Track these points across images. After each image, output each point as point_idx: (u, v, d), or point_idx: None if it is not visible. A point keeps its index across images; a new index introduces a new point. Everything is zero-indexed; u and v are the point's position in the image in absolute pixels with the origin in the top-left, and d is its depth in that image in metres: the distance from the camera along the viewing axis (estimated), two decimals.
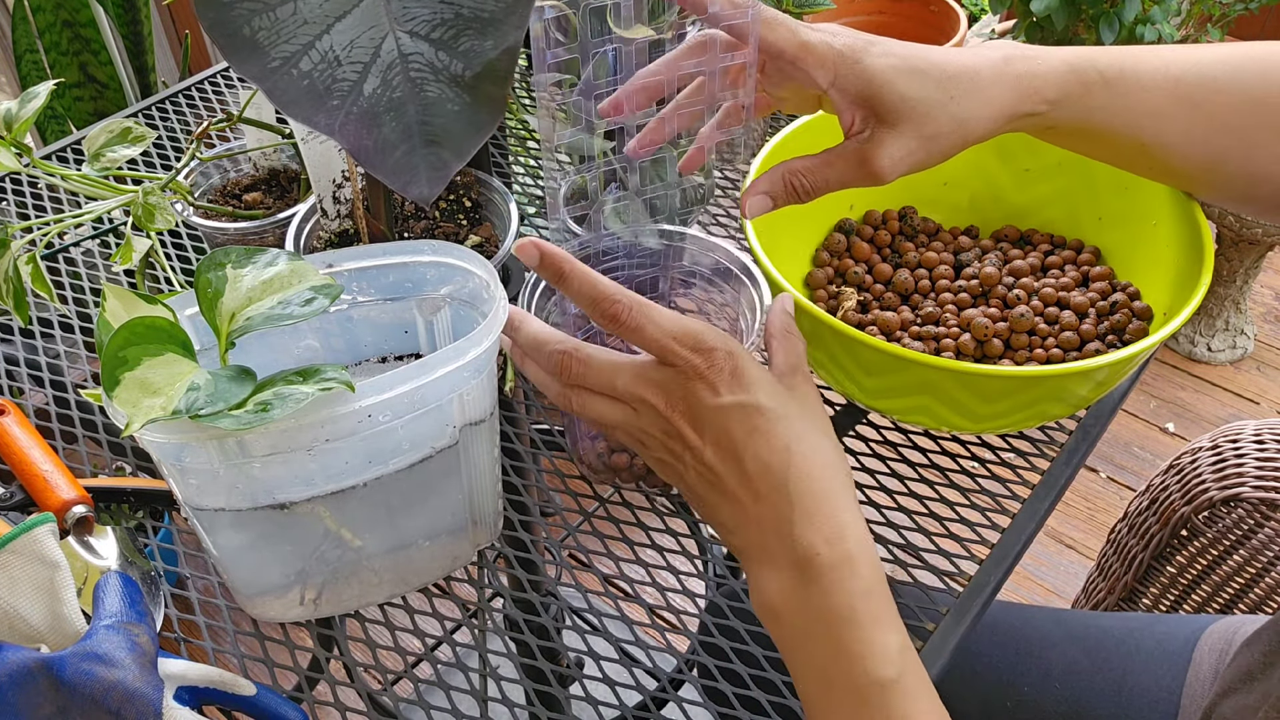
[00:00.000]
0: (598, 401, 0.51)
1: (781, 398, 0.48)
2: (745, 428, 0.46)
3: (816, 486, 0.46)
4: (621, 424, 0.51)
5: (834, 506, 0.46)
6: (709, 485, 0.48)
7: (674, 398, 0.48)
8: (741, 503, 0.47)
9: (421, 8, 0.39)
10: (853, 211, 0.77)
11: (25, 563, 0.49)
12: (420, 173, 0.39)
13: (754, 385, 0.47)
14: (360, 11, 0.39)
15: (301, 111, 0.39)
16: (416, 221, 0.72)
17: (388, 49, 0.39)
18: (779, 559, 0.46)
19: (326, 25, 0.39)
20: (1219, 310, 1.86)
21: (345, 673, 0.62)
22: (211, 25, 0.38)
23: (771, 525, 0.46)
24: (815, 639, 0.45)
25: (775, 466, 0.46)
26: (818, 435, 0.48)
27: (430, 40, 0.39)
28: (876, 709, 0.43)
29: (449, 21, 0.39)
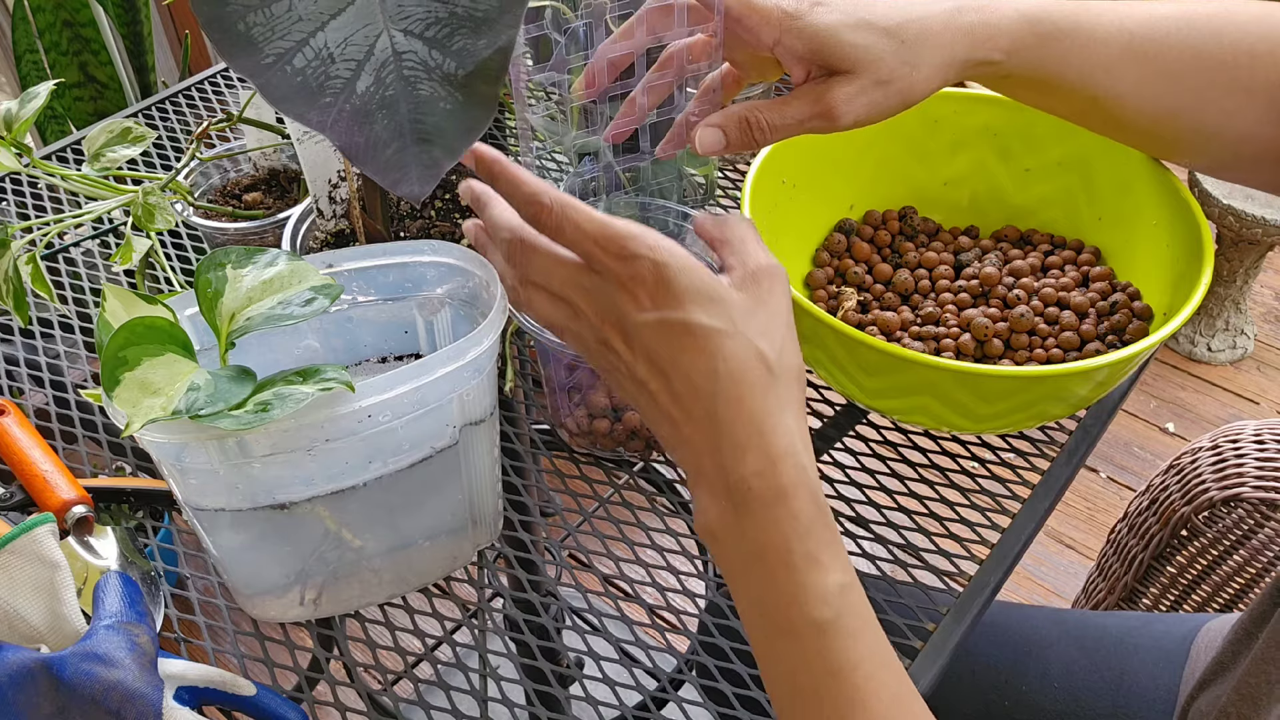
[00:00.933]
0: (542, 299, 0.47)
1: (717, 307, 0.43)
2: (673, 346, 0.43)
3: (747, 409, 0.43)
4: (562, 326, 0.47)
5: (768, 431, 0.43)
6: (645, 400, 0.45)
7: (602, 306, 0.45)
8: (675, 422, 0.44)
9: (416, 6, 0.39)
10: (853, 211, 0.77)
11: (25, 563, 0.49)
12: (411, 171, 0.39)
13: (683, 299, 0.43)
14: (355, 9, 0.39)
15: (294, 108, 0.39)
16: (413, 221, 0.72)
17: (381, 47, 0.39)
18: (715, 485, 0.43)
19: (321, 22, 0.39)
20: (1219, 310, 1.86)
21: (345, 673, 0.62)
22: (207, 21, 0.38)
23: (705, 450, 0.43)
24: (752, 573, 0.43)
25: (703, 390, 0.43)
26: (756, 349, 0.43)
27: (424, 39, 0.39)
28: (813, 650, 0.42)
29: (443, 20, 0.39)
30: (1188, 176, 1.70)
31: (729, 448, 0.43)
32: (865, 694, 0.41)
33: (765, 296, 0.45)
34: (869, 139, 0.74)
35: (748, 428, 0.43)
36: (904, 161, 0.76)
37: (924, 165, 0.76)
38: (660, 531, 0.67)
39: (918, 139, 0.75)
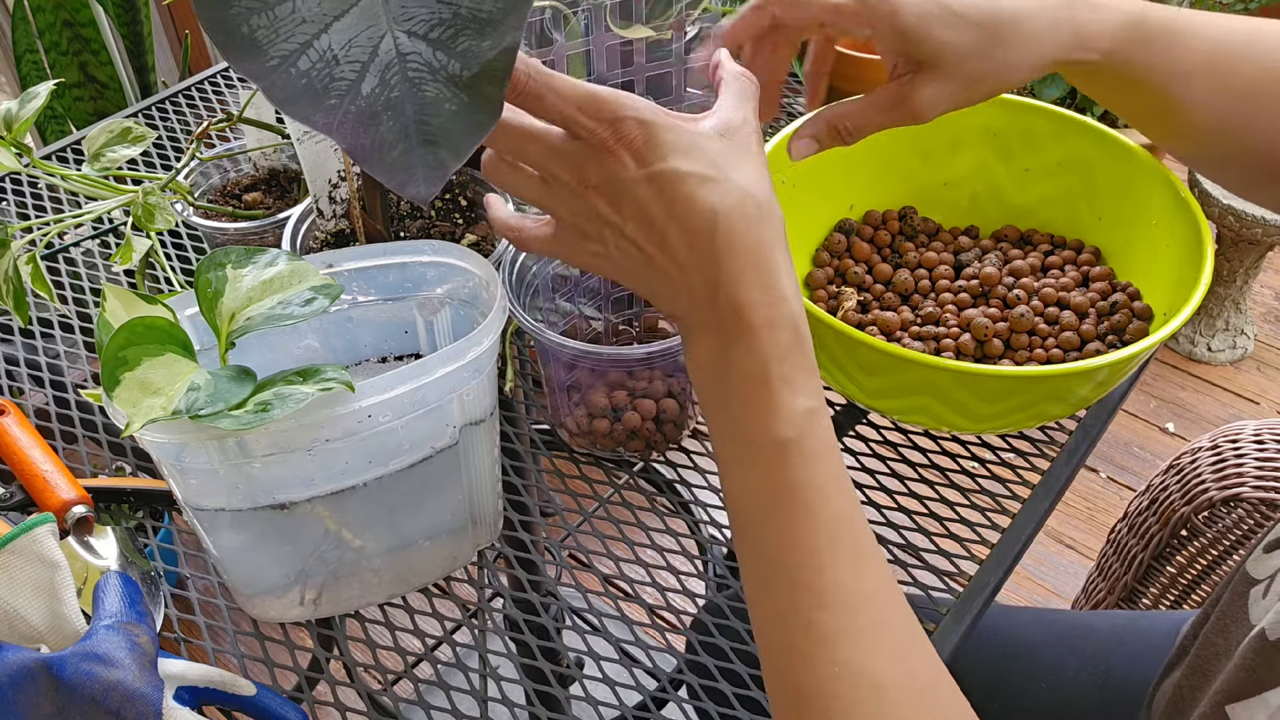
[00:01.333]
0: (513, 173, 0.47)
1: (703, 156, 0.44)
2: (665, 198, 0.44)
3: (742, 244, 0.44)
4: (537, 200, 0.47)
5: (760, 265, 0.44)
6: (634, 260, 0.46)
7: (585, 173, 0.45)
8: (669, 272, 0.45)
9: (420, 7, 0.39)
10: (853, 211, 0.77)
11: (25, 563, 0.49)
12: (417, 172, 0.39)
13: (671, 151, 0.44)
14: (359, 10, 0.39)
15: (299, 110, 0.39)
16: (413, 221, 0.72)
17: (386, 48, 0.39)
18: (709, 322, 0.45)
19: (325, 24, 0.39)
20: (1219, 310, 1.86)
21: (345, 673, 0.62)
22: (210, 23, 0.38)
23: (701, 291, 0.45)
24: (732, 397, 0.45)
25: (699, 231, 0.44)
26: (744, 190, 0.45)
27: (428, 40, 0.39)
28: (775, 466, 0.43)
29: (447, 21, 0.39)
30: (1188, 176, 1.71)
31: (726, 281, 0.44)
32: (813, 509, 0.43)
33: (745, 143, 0.46)
34: (869, 140, 0.74)
35: (741, 262, 0.44)
36: (904, 161, 0.76)
37: (924, 165, 0.76)
38: (660, 531, 0.67)
39: (918, 139, 0.75)
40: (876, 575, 0.43)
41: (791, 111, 1.03)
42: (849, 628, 0.42)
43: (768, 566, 0.43)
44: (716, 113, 0.47)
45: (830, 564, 0.42)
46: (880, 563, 0.44)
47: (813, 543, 0.42)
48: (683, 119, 0.45)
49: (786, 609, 0.43)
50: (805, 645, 0.42)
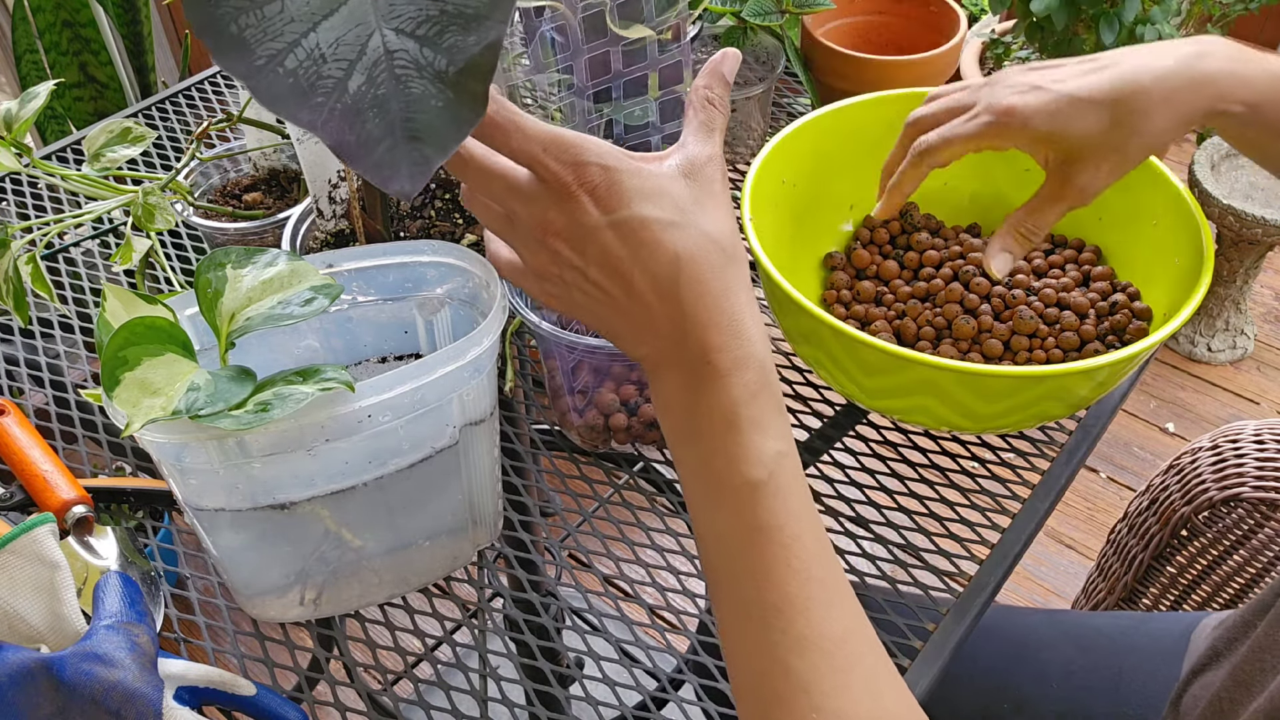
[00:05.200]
0: (482, 206, 0.47)
1: (668, 201, 0.45)
2: (630, 244, 0.44)
3: (708, 290, 0.44)
4: (501, 236, 0.48)
5: (726, 309, 0.45)
6: (598, 303, 0.46)
7: (547, 216, 0.45)
8: (634, 316, 0.45)
9: (408, 4, 0.39)
10: (853, 211, 0.77)
11: (25, 563, 0.49)
12: (402, 168, 0.39)
13: (634, 198, 0.44)
14: (347, 9, 0.39)
15: (286, 108, 0.39)
16: (413, 221, 0.72)
17: (374, 46, 0.39)
18: (677, 364, 0.45)
19: (313, 23, 0.39)
20: (1219, 310, 1.86)
21: (345, 673, 0.62)
22: (200, 25, 0.39)
23: (668, 335, 0.45)
24: (701, 439, 0.45)
25: (664, 278, 0.44)
26: (708, 235, 0.45)
27: (415, 37, 0.39)
28: (746, 507, 0.44)
29: (434, 18, 0.39)
30: (1187, 176, 1.71)
31: (692, 326, 0.44)
32: (787, 550, 0.43)
33: (709, 185, 0.46)
34: (869, 139, 0.74)
35: (708, 307, 0.44)
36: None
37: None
38: (660, 531, 0.67)
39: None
40: (849, 614, 0.44)
41: (792, 111, 1.03)
42: (826, 671, 0.42)
43: (742, 606, 0.44)
44: (682, 148, 0.47)
45: (805, 607, 0.43)
46: (850, 599, 0.45)
47: (787, 586, 0.43)
48: (646, 159, 0.45)
49: (764, 653, 0.43)
50: (785, 692, 0.42)
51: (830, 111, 0.72)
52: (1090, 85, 0.57)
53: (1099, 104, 0.56)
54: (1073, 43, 1.12)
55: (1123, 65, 0.57)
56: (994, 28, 1.47)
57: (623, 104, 0.63)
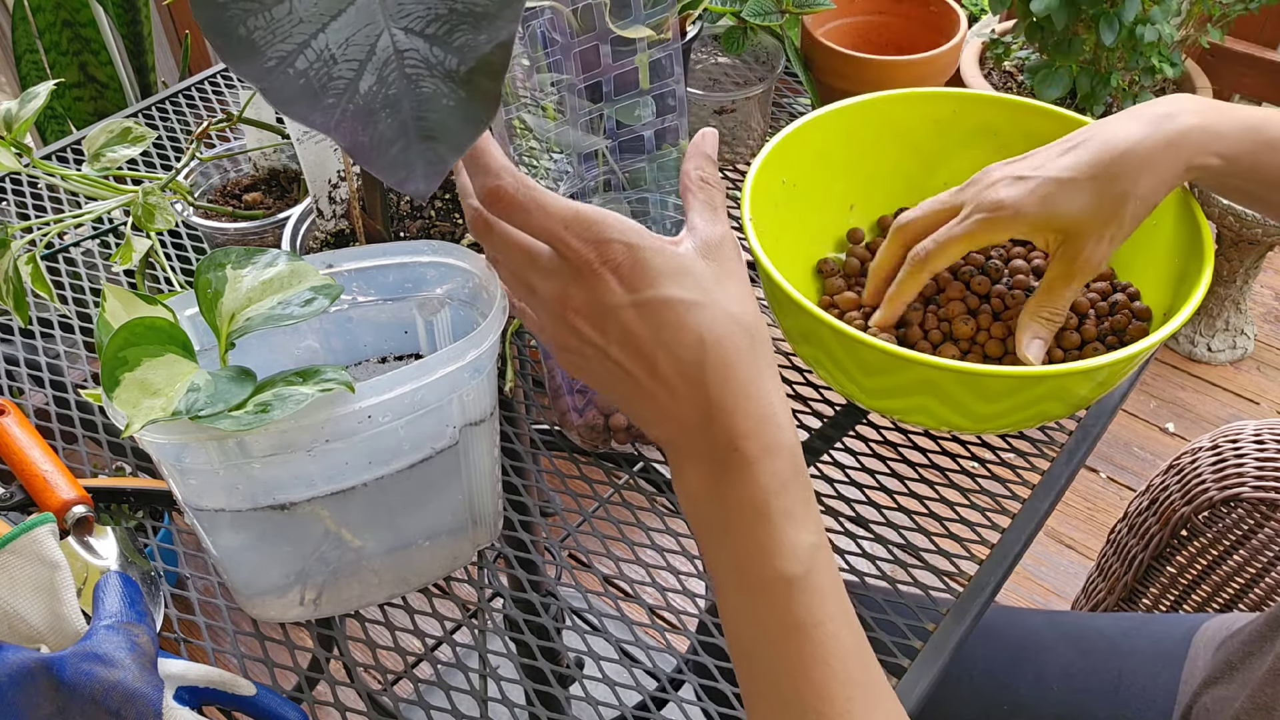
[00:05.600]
0: (501, 269, 0.47)
1: (691, 281, 0.44)
2: (652, 325, 0.43)
3: (734, 375, 0.43)
4: (522, 300, 0.47)
5: (754, 395, 0.44)
6: (619, 380, 0.45)
7: (568, 293, 0.44)
8: (657, 398, 0.44)
9: (415, 4, 0.39)
10: (853, 212, 0.77)
11: (25, 563, 0.49)
12: (416, 168, 0.39)
13: (659, 278, 0.43)
14: (355, 9, 0.39)
15: (298, 110, 0.39)
16: (413, 221, 0.72)
17: (383, 46, 0.39)
18: (700, 451, 0.44)
19: (322, 23, 0.39)
20: (1219, 310, 1.86)
21: (345, 673, 0.62)
22: (208, 26, 0.38)
23: (691, 420, 0.44)
24: (730, 531, 0.44)
25: (689, 361, 0.43)
26: (733, 316, 0.44)
27: (424, 36, 0.39)
28: (781, 603, 0.43)
29: (443, 17, 0.39)
30: None
31: (718, 413, 0.43)
32: (826, 650, 0.43)
33: (728, 264, 0.46)
34: (869, 140, 0.74)
35: (735, 393, 0.43)
36: (903, 162, 0.76)
37: (923, 165, 0.76)
38: (660, 531, 0.67)
39: (918, 139, 0.75)
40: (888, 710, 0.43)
41: (792, 111, 1.03)
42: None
43: (779, 703, 0.43)
44: (692, 231, 0.46)
45: (845, 708, 0.42)
46: (887, 692, 0.44)
47: (827, 687, 0.42)
48: (665, 241, 0.44)
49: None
50: None
51: (830, 111, 0.72)
52: (1070, 164, 0.59)
53: (1083, 181, 0.58)
54: (1073, 43, 1.12)
55: (1097, 139, 0.59)
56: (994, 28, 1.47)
57: (615, 99, 0.63)
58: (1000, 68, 1.38)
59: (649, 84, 0.62)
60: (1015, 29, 1.26)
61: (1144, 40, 1.10)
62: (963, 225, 0.61)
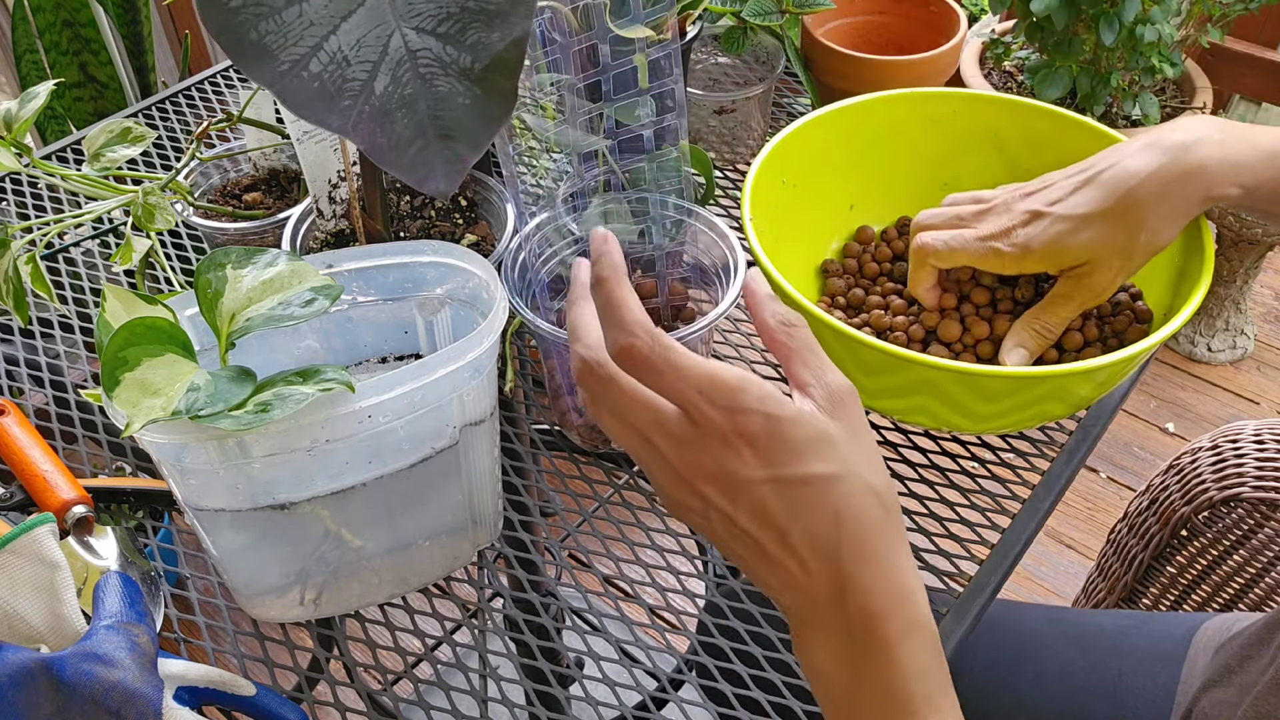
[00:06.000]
0: (613, 423, 0.44)
1: (829, 451, 0.41)
2: (788, 500, 0.41)
3: (870, 551, 0.41)
4: (636, 455, 0.44)
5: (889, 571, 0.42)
6: (745, 547, 0.43)
7: (699, 460, 0.42)
8: (787, 568, 0.42)
9: (425, 3, 0.39)
10: (853, 212, 0.77)
11: (25, 563, 0.49)
12: (436, 168, 0.39)
13: (800, 452, 0.41)
14: (365, 10, 0.39)
15: (314, 113, 0.39)
16: (413, 221, 0.71)
17: (395, 46, 0.39)
18: (832, 627, 0.42)
19: (333, 26, 0.39)
20: (1219, 310, 1.86)
21: (345, 673, 0.62)
22: (218, 31, 0.38)
23: (823, 596, 0.42)
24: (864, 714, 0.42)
25: (824, 536, 0.41)
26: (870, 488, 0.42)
27: (437, 35, 0.39)
28: None
29: (455, 15, 0.39)
30: None
31: (853, 591, 0.41)
32: None
33: (856, 422, 0.43)
34: (869, 140, 0.74)
35: (872, 570, 0.41)
36: (904, 162, 0.76)
37: (923, 165, 0.76)
38: (660, 531, 0.66)
39: (918, 139, 0.75)
40: None
41: (792, 111, 1.03)
42: None
43: None
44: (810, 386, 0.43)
45: None
46: None
47: None
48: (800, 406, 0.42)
49: None
50: None
51: (830, 111, 0.72)
52: (1085, 202, 0.59)
53: (1096, 218, 0.58)
54: (1073, 43, 1.12)
55: (1112, 173, 0.59)
56: (994, 28, 1.47)
57: (614, 99, 0.63)
58: (1000, 68, 1.38)
59: (648, 84, 0.62)
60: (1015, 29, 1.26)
61: (1144, 40, 1.10)
62: (978, 244, 0.62)
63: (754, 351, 0.77)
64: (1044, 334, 0.63)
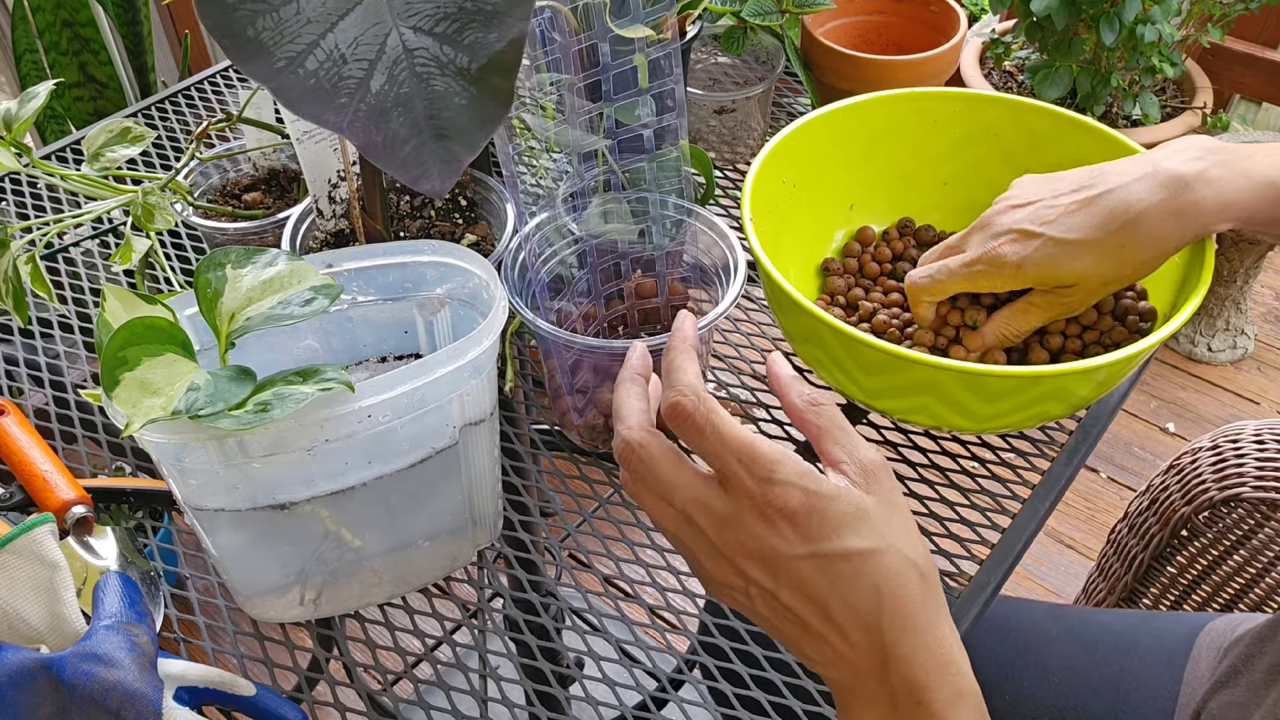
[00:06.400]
0: (655, 504, 0.45)
1: (867, 526, 0.42)
2: (829, 575, 0.42)
3: (911, 623, 0.42)
4: (676, 538, 0.45)
5: (931, 642, 0.42)
6: (787, 621, 0.43)
7: (739, 537, 0.42)
8: (830, 642, 0.42)
9: (423, 2, 0.39)
10: (853, 211, 0.77)
11: (25, 563, 0.49)
12: (431, 167, 0.39)
13: (839, 528, 0.42)
14: (362, 9, 0.39)
15: (310, 110, 0.39)
16: (412, 221, 0.71)
17: (392, 45, 0.39)
18: (878, 698, 0.42)
19: (330, 23, 0.39)
20: (1219, 310, 1.86)
21: (345, 673, 0.62)
22: (215, 27, 0.38)
23: (867, 668, 0.42)
24: None
25: (866, 611, 0.42)
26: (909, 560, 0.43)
27: (434, 34, 0.39)
28: None
29: (452, 15, 0.39)
30: None
31: (896, 663, 0.42)
32: None
33: (891, 495, 0.44)
34: (869, 140, 0.74)
35: (913, 641, 0.42)
36: (904, 162, 0.76)
37: (924, 165, 0.76)
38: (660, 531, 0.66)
39: (918, 139, 0.75)
40: None
41: (792, 111, 1.03)
42: None
43: None
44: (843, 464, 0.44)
45: None
46: None
47: None
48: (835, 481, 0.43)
49: None
50: None
51: (830, 111, 0.72)
52: (1077, 225, 0.59)
53: (1089, 244, 0.59)
54: (1073, 43, 1.12)
55: (1107, 200, 0.59)
56: (994, 28, 1.47)
57: (614, 99, 0.63)
58: (1000, 68, 1.38)
59: (648, 84, 0.62)
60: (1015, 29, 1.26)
61: (1144, 40, 1.10)
62: (964, 270, 0.62)
63: (754, 351, 0.77)
64: (1010, 338, 0.64)
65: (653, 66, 0.62)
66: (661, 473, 0.44)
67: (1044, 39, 1.14)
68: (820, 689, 0.58)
